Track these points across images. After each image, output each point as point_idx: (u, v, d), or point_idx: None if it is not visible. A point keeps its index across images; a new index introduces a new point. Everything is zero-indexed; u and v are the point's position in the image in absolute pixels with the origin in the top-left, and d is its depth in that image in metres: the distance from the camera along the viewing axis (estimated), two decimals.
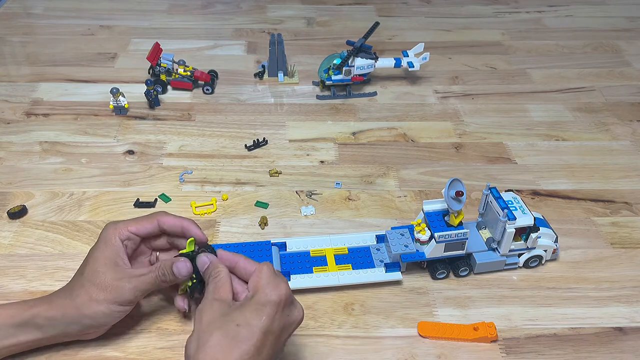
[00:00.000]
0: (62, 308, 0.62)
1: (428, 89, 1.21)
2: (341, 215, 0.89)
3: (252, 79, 1.23)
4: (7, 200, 0.89)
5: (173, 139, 1.04)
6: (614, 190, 0.95)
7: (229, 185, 0.94)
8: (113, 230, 0.66)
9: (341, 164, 0.99)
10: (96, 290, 0.62)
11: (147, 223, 0.68)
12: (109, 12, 1.50)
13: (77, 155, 0.99)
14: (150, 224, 0.68)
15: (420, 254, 0.76)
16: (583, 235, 0.86)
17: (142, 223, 0.68)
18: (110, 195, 0.91)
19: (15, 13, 1.49)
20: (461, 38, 1.42)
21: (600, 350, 0.70)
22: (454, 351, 0.69)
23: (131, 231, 0.67)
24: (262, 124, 1.09)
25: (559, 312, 0.74)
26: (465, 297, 0.76)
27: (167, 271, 0.64)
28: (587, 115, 1.13)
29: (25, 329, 0.62)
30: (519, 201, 0.78)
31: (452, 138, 1.06)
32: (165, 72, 1.15)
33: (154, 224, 0.68)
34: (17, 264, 0.79)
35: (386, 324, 0.72)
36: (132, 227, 0.67)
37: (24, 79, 1.21)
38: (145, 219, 0.68)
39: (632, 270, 0.80)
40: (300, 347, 0.69)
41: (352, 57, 1.13)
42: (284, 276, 0.61)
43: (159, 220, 0.68)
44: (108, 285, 0.62)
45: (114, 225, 0.67)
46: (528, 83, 1.24)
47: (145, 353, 0.68)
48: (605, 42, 1.41)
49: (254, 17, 1.50)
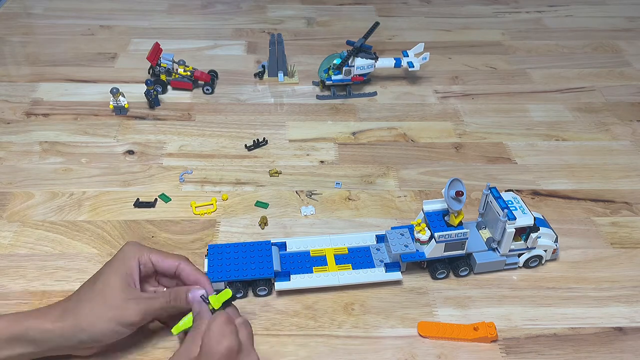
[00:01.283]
0: (60, 321, 0.61)
1: (428, 89, 1.21)
2: (341, 215, 0.89)
3: (252, 79, 1.23)
4: (7, 200, 0.89)
5: (173, 139, 1.04)
6: (614, 190, 0.95)
7: (229, 185, 0.94)
8: (135, 251, 0.66)
9: (341, 164, 0.99)
10: (103, 307, 0.61)
11: (170, 261, 0.66)
12: (109, 12, 1.50)
13: (77, 155, 0.99)
14: (172, 263, 0.66)
15: (420, 254, 0.76)
16: (583, 235, 0.86)
17: (165, 259, 0.66)
18: (110, 195, 0.91)
19: (15, 13, 1.49)
20: (461, 38, 1.42)
21: (600, 350, 0.70)
22: (454, 351, 0.69)
23: (152, 260, 0.66)
24: (262, 124, 1.09)
25: (559, 312, 0.74)
26: (465, 297, 0.76)
27: (180, 297, 0.63)
28: (587, 115, 1.13)
29: (17, 343, 0.60)
30: (519, 201, 0.78)
31: (452, 138, 1.06)
32: (165, 72, 1.15)
33: (174, 265, 0.66)
34: (17, 264, 0.79)
35: (386, 324, 0.72)
36: (154, 257, 0.66)
37: (24, 79, 1.21)
38: (170, 257, 0.67)
39: (632, 270, 0.80)
40: (300, 347, 0.69)
41: (352, 57, 1.13)
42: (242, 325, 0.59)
43: (180, 266, 0.66)
44: (116, 304, 0.61)
45: (138, 247, 0.66)
46: (528, 83, 1.24)
47: (145, 353, 0.68)
48: (605, 42, 1.41)
49: (254, 17, 1.50)
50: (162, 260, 0.66)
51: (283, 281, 0.75)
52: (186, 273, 0.66)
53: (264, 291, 0.75)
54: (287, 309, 0.74)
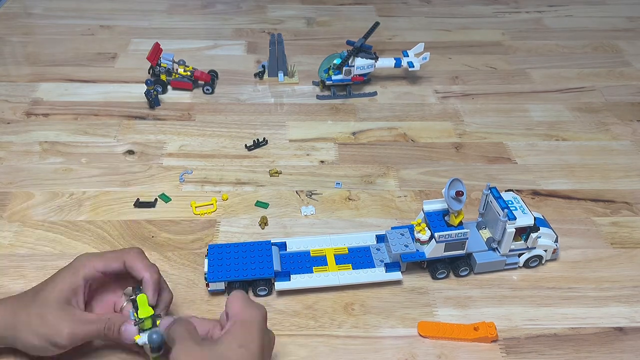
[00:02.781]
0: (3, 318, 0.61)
1: (428, 89, 1.21)
2: (341, 215, 0.89)
3: (252, 79, 1.23)
4: (7, 200, 0.89)
5: (173, 139, 1.04)
6: (614, 190, 0.95)
7: (229, 185, 0.94)
8: (82, 266, 0.64)
9: (341, 164, 0.99)
10: (36, 320, 0.60)
11: (114, 262, 0.65)
12: (109, 12, 1.50)
13: (77, 155, 0.99)
14: (117, 263, 0.65)
15: (420, 254, 0.76)
16: (583, 235, 0.86)
17: (110, 261, 0.65)
18: (110, 195, 0.91)
19: (15, 13, 1.49)
20: (461, 38, 1.42)
21: (600, 350, 0.70)
22: (454, 351, 0.69)
23: (98, 269, 0.64)
24: (262, 124, 1.09)
25: (559, 312, 0.74)
26: (465, 297, 0.76)
27: (115, 329, 0.61)
28: (587, 115, 1.13)
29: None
30: (519, 201, 0.78)
31: (452, 138, 1.06)
32: (165, 72, 1.15)
33: (120, 263, 0.65)
34: (17, 264, 0.79)
35: (386, 324, 0.72)
36: (100, 265, 0.64)
37: (24, 79, 1.21)
38: (114, 256, 0.65)
39: (632, 270, 0.80)
40: (300, 347, 0.69)
41: (352, 57, 1.13)
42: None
43: (125, 260, 0.64)
44: (49, 322, 0.60)
45: (86, 260, 0.64)
46: (528, 83, 1.24)
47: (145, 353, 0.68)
48: (605, 42, 1.41)
49: (254, 17, 1.50)
50: (109, 265, 0.64)
51: (283, 281, 0.75)
52: (135, 271, 0.64)
53: (264, 291, 0.75)
54: (287, 309, 0.74)
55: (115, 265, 0.65)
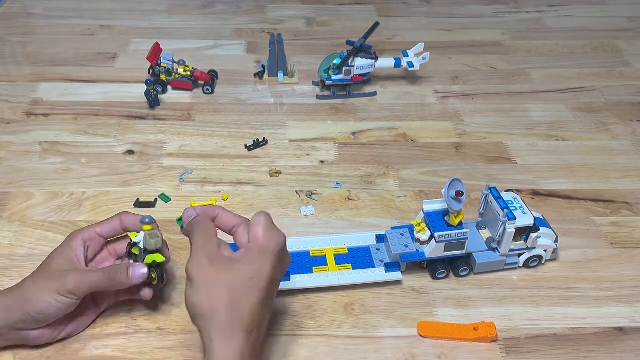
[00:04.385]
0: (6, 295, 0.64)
1: (428, 89, 1.21)
2: (341, 215, 0.89)
3: (252, 79, 1.23)
4: (7, 200, 0.89)
5: (173, 139, 1.04)
6: (614, 190, 0.95)
7: (229, 185, 0.94)
8: (76, 233, 0.69)
9: (341, 164, 0.99)
10: (44, 279, 0.64)
11: (109, 223, 0.70)
12: (109, 12, 1.50)
13: (77, 155, 0.99)
14: (112, 223, 0.70)
15: (420, 254, 0.76)
16: (583, 235, 0.86)
17: (105, 223, 0.70)
18: (110, 195, 0.91)
19: (15, 13, 1.49)
20: (461, 38, 1.42)
21: (600, 350, 0.70)
22: (454, 351, 0.69)
23: (97, 232, 0.69)
24: (262, 124, 1.09)
25: (559, 312, 0.74)
26: (465, 297, 0.76)
27: (122, 273, 0.65)
28: (587, 115, 1.13)
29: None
30: (519, 201, 0.78)
31: (452, 138, 1.06)
32: (165, 72, 1.15)
33: (116, 222, 0.69)
34: (17, 264, 0.79)
35: (386, 324, 0.72)
36: (96, 228, 0.69)
37: (24, 79, 1.21)
38: (108, 219, 0.70)
39: (632, 270, 0.80)
40: (300, 347, 0.69)
41: (352, 57, 1.13)
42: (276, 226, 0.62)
43: (121, 218, 0.70)
44: (53, 274, 0.64)
45: (79, 230, 0.69)
46: (528, 83, 1.24)
47: (145, 353, 0.68)
48: (605, 42, 1.41)
49: (254, 17, 1.50)
50: (104, 227, 0.69)
51: (283, 281, 0.75)
52: (130, 222, 0.69)
53: None
54: (287, 309, 0.74)
55: (110, 225, 0.69)
